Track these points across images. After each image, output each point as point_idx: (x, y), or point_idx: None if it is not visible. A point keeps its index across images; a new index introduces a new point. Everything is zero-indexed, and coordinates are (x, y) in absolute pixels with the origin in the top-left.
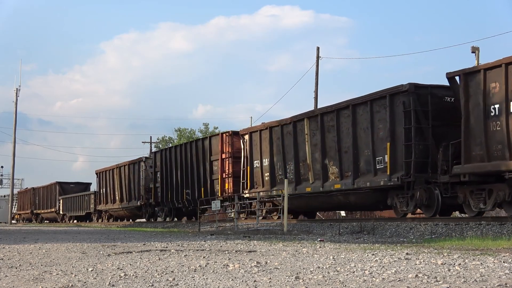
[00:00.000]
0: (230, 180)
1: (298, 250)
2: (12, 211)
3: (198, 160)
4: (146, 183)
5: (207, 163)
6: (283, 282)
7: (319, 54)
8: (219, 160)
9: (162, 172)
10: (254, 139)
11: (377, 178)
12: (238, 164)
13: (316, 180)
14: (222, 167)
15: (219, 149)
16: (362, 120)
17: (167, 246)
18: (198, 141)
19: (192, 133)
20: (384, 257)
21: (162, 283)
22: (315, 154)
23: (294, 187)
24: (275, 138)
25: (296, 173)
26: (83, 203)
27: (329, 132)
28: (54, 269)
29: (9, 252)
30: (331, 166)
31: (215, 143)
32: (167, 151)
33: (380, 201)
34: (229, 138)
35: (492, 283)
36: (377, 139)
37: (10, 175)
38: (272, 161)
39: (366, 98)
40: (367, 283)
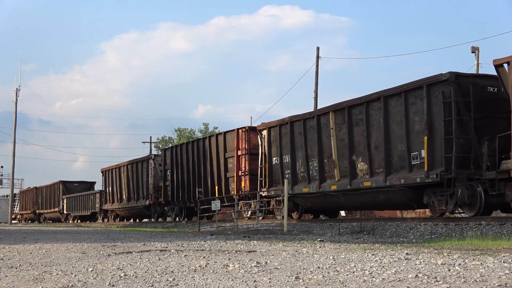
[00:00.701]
0: (246, 178)
1: (298, 250)
2: (12, 211)
3: (212, 157)
4: (155, 181)
5: (222, 160)
6: (283, 282)
7: (319, 54)
8: (235, 157)
9: (173, 170)
10: (273, 134)
11: (412, 175)
12: (255, 161)
13: (343, 178)
14: (238, 164)
15: (235, 145)
16: (395, 112)
17: (167, 246)
18: (212, 137)
19: (192, 133)
20: (384, 257)
21: (162, 283)
22: (342, 150)
23: (318, 185)
24: (297, 133)
25: (320, 170)
26: (88, 203)
27: (357, 126)
28: (54, 269)
29: (9, 252)
30: (359, 163)
31: (230, 139)
32: (177, 148)
33: (414, 199)
34: (245, 134)
35: (492, 283)
36: (413, 132)
37: (10, 175)
38: (294, 158)
39: (399, 89)
40: (367, 283)
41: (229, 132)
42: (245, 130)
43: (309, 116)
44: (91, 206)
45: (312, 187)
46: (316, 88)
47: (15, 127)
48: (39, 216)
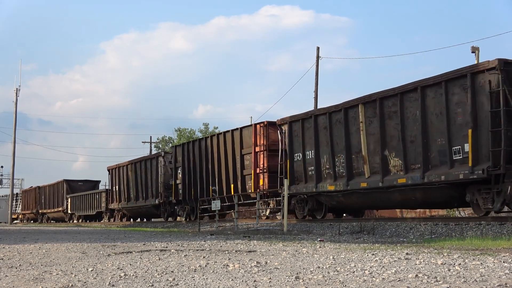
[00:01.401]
0: (265, 176)
1: (298, 250)
2: (12, 211)
3: (227, 154)
4: (165, 179)
5: (238, 157)
6: (283, 282)
7: (319, 54)
8: (252, 154)
9: (184, 167)
10: (295, 129)
11: (454, 171)
12: (274, 157)
13: (374, 174)
14: (256, 161)
15: (252, 141)
16: (433, 104)
17: (167, 246)
18: (227, 133)
19: (192, 133)
20: (384, 257)
21: (162, 283)
22: (372, 145)
23: (346, 183)
24: (321, 127)
25: (347, 167)
26: (94, 202)
27: (390, 119)
28: (54, 269)
29: (9, 252)
30: (392, 158)
31: (247, 135)
32: (190, 145)
33: (455, 197)
34: (263, 129)
35: (492, 283)
36: (454, 125)
37: (10, 175)
38: (318, 154)
39: (439, 79)
40: (367, 283)
41: (246, 127)
42: (263, 125)
43: (335, 109)
44: (97, 205)
45: (338, 184)
46: (316, 88)
47: (15, 127)
48: (42, 216)
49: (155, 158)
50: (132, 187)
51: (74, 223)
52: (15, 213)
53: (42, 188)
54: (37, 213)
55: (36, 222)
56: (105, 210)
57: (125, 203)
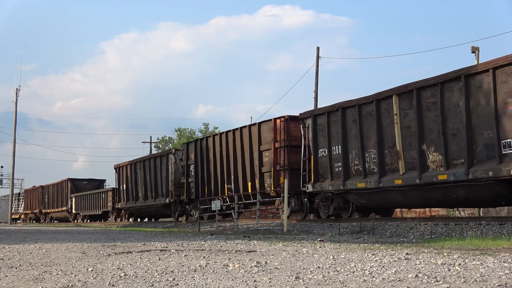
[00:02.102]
0: (285, 173)
1: (298, 250)
2: (12, 211)
3: (244, 151)
4: (176, 177)
5: (255, 154)
6: (283, 282)
7: (319, 54)
8: (271, 150)
9: (197, 165)
10: (320, 123)
11: (504, 166)
12: (295, 154)
13: (409, 171)
14: (275, 158)
15: (271, 137)
16: (479, 93)
17: (167, 246)
18: (243, 128)
19: (192, 133)
20: (384, 257)
21: (162, 283)
22: (408, 139)
23: (377, 180)
24: (350, 120)
25: (379, 163)
26: (100, 201)
27: (428, 110)
28: (54, 269)
29: (9, 252)
30: (431, 153)
31: (266, 131)
32: (203, 141)
33: (503, 195)
34: (284, 124)
35: (492, 283)
36: (505, 116)
37: (10, 175)
38: (346, 149)
39: (486, 66)
40: (367, 283)
41: (265, 122)
42: (283, 119)
43: (366, 101)
44: (103, 204)
45: (369, 182)
46: (316, 88)
47: (15, 127)
48: (45, 216)
49: (165, 155)
50: (140, 186)
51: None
52: (17, 213)
53: (46, 187)
54: (40, 212)
55: (39, 222)
56: (111, 210)
57: (133, 202)
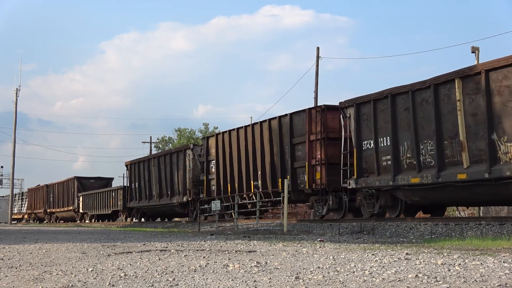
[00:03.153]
0: (322, 168)
1: (298, 250)
2: (12, 211)
3: (273, 144)
4: (194, 174)
5: (287, 148)
6: (283, 282)
7: (319, 54)
8: (306, 143)
9: (218, 160)
10: (364, 112)
11: None
12: (333, 146)
13: (475, 164)
14: (310, 152)
15: (306, 129)
16: None
17: (167, 246)
18: (273, 120)
19: (192, 133)
20: (384, 257)
21: (162, 283)
22: (474, 128)
23: (436, 174)
24: (401, 108)
25: (438, 155)
26: (109, 200)
27: (499, 95)
28: (54, 269)
29: (9, 252)
30: (503, 143)
31: (299, 122)
32: (225, 135)
33: None
34: (320, 114)
35: (492, 283)
36: None
37: (10, 175)
38: (396, 140)
39: None
40: (367, 283)
41: (297, 113)
42: (319, 109)
43: (421, 86)
44: (113, 204)
45: (425, 176)
46: (316, 88)
47: (15, 127)
48: (50, 216)
49: (182, 151)
50: (154, 184)
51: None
52: (20, 213)
53: (51, 186)
54: (45, 212)
55: (43, 222)
56: (122, 209)
57: (147, 201)
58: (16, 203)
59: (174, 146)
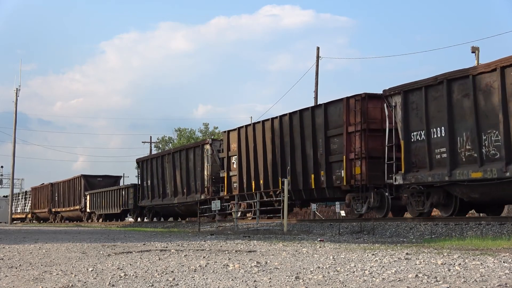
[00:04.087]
0: (362, 162)
1: (298, 250)
2: (13, 210)
3: (304, 137)
4: (212, 171)
5: (320, 141)
6: (283, 282)
7: (319, 54)
8: (343, 135)
9: (240, 156)
10: (414, 100)
11: None
12: (375, 139)
13: None
14: (348, 145)
15: (344, 119)
16: None
17: (167, 246)
18: (304, 111)
19: (192, 133)
20: (384, 257)
21: (162, 283)
22: None
23: (502, 167)
24: (459, 95)
25: (505, 146)
26: (119, 199)
27: None
28: (54, 269)
29: (9, 252)
30: None
31: (335, 113)
32: (249, 128)
33: None
34: (359, 103)
35: (492, 283)
36: None
37: (10, 175)
38: (452, 131)
39: None
40: (367, 283)
41: (332, 103)
42: (359, 98)
43: (485, 69)
44: (123, 202)
45: (489, 171)
46: (316, 88)
47: (15, 127)
48: (55, 215)
49: (200, 146)
50: (169, 181)
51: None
52: (23, 213)
53: (56, 185)
54: (49, 212)
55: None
56: (132, 208)
57: (160, 199)
58: (19, 202)
59: (174, 146)
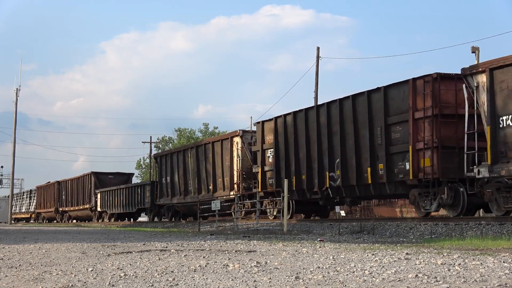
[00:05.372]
0: (434, 153)
1: (298, 250)
2: (12, 210)
3: (358, 126)
4: (243, 166)
5: (378, 129)
6: (283, 282)
7: (319, 54)
8: (409, 122)
9: (278, 149)
10: (504, 79)
11: None
12: (448, 126)
13: None
14: (415, 133)
15: (409, 104)
16: None
17: (167, 246)
18: (358, 96)
19: (192, 133)
20: (384, 257)
21: (162, 283)
22: None
23: None
24: None
25: None
26: (134, 197)
27: None
28: (54, 269)
29: (9, 252)
30: None
31: (397, 97)
32: (288, 118)
33: None
34: (430, 85)
35: (492, 283)
36: None
37: (10, 175)
38: None
39: None
40: (367, 283)
41: (395, 86)
42: (429, 79)
43: None
44: (139, 201)
45: None
46: (316, 88)
47: (15, 127)
48: (62, 215)
49: (229, 139)
50: (191, 178)
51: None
52: (28, 212)
53: (63, 183)
54: (56, 211)
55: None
56: (149, 207)
57: (181, 197)
58: (24, 202)
59: (174, 146)
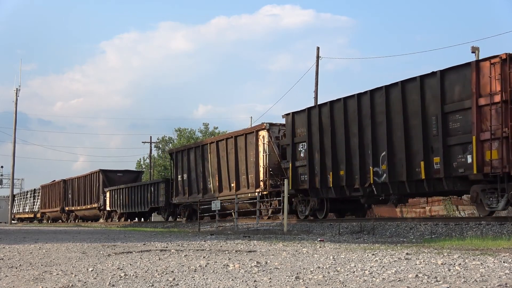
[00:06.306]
0: (502, 143)
1: (298, 250)
2: (12, 211)
3: (407, 115)
4: (270, 162)
5: (433, 119)
6: (283, 282)
7: (319, 54)
8: (472, 110)
9: (311, 142)
10: None
11: None
12: None
13: None
14: (480, 122)
15: (472, 90)
16: None
17: (167, 246)
18: (407, 83)
19: (192, 133)
20: (384, 257)
21: (162, 283)
22: None
23: None
24: None
25: None
26: (147, 196)
27: None
28: (54, 269)
29: (9, 252)
30: None
31: (457, 82)
32: (323, 109)
33: None
34: (498, 67)
35: (492, 283)
36: None
37: (10, 175)
38: None
39: None
40: (367, 283)
41: (454, 69)
42: (498, 61)
43: None
44: (152, 200)
45: None
46: (316, 88)
47: (15, 127)
48: (68, 215)
49: (254, 133)
50: (211, 175)
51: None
52: (31, 212)
53: (69, 182)
54: (62, 211)
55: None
56: (164, 206)
57: (200, 195)
58: (27, 201)
59: (174, 146)
